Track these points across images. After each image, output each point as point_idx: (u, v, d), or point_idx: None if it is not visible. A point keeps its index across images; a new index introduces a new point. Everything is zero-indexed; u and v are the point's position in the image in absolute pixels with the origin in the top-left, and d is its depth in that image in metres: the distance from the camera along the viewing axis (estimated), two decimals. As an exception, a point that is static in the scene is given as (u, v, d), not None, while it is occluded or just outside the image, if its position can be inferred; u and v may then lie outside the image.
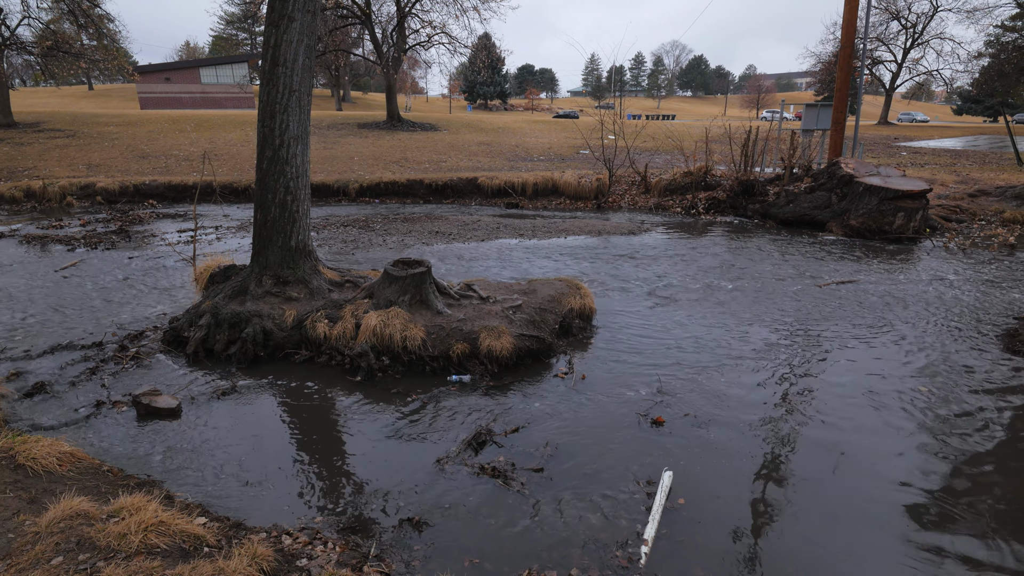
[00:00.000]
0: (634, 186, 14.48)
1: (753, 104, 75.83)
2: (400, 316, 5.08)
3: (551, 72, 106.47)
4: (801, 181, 12.19)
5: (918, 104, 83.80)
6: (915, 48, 45.04)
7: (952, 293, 7.13)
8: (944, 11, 43.83)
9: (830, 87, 48.62)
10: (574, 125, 30.66)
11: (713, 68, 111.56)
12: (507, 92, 66.19)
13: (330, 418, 4.22)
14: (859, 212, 10.55)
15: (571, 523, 3.05)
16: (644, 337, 5.68)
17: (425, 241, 9.88)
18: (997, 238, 10.23)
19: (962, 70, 45.31)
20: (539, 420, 4.13)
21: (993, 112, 49.81)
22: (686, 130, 23.30)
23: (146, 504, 2.77)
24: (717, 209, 12.65)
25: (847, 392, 4.58)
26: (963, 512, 3.19)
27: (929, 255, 9.17)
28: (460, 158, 18.72)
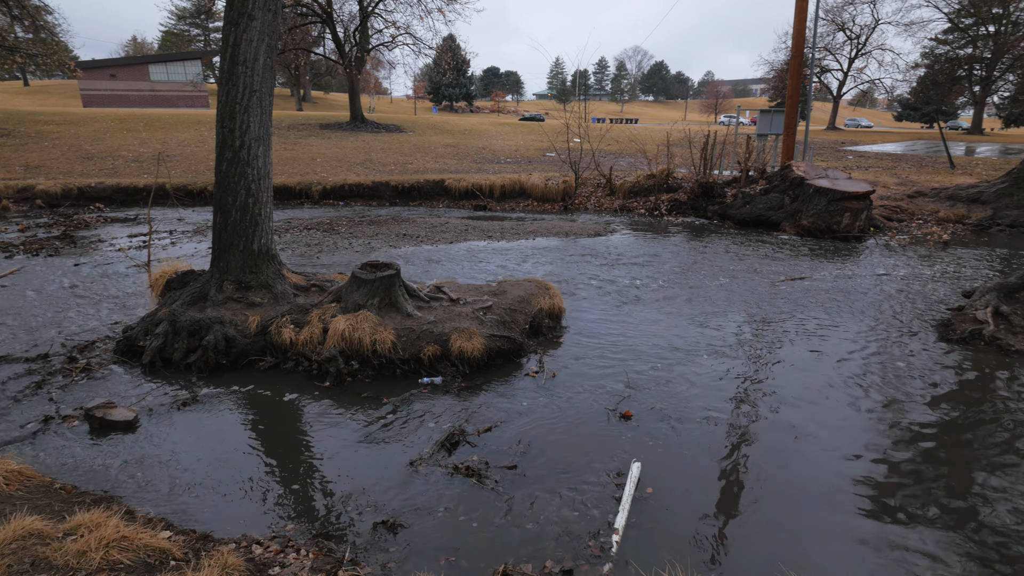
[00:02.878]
0: (599, 188, 14.71)
1: (711, 109, 78.09)
2: (369, 320, 5.02)
3: (516, 75, 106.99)
4: (756, 183, 12.63)
5: (863, 111, 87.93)
6: (859, 58, 47.35)
7: (894, 287, 7.54)
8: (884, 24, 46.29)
9: (783, 93, 50.55)
10: (541, 128, 30.90)
11: (673, 74, 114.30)
12: (473, 94, 66.08)
13: (298, 425, 4.13)
14: (810, 212, 11.01)
15: (545, 517, 3.09)
16: (611, 335, 5.78)
17: (392, 244, 9.77)
18: (933, 236, 10.86)
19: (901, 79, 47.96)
20: (511, 419, 4.15)
21: (929, 119, 52.77)
22: (648, 134, 23.81)
23: (106, 520, 2.66)
24: (679, 210, 12.98)
25: (801, 382, 4.79)
26: (908, 488, 3.38)
27: (873, 252, 9.65)
28: (427, 160, 18.60)
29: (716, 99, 79.59)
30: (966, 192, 13.18)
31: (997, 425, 4.18)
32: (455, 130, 28.26)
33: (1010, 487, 3.45)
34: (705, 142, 13.02)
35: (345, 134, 23.84)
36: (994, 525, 3.12)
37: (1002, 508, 3.26)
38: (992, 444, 3.94)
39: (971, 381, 4.93)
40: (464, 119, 40.90)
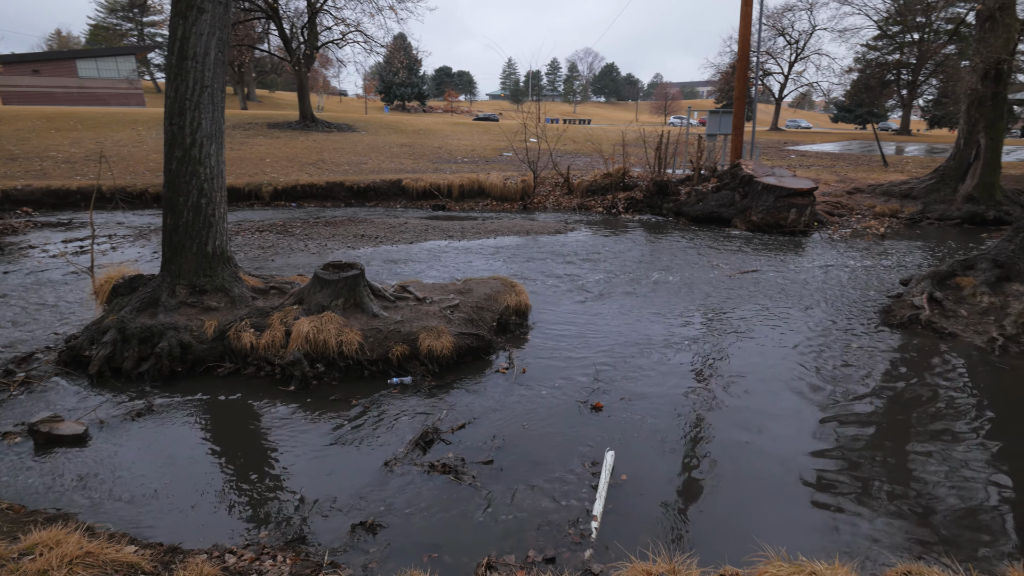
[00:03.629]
0: (558, 187, 14.90)
1: (661, 110, 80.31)
2: (334, 321, 4.94)
3: (469, 75, 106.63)
4: (708, 181, 13.11)
5: (802, 112, 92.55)
6: (798, 62, 49.82)
7: (838, 277, 8.02)
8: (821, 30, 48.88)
9: (729, 95, 52.60)
10: (497, 128, 30.97)
11: (624, 76, 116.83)
12: (425, 93, 65.47)
13: (264, 431, 4.02)
14: (759, 209, 11.53)
15: (524, 509, 3.14)
16: (578, 330, 5.90)
17: (351, 245, 9.60)
18: (871, 229, 11.59)
19: (837, 83, 50.75)
20: (484, 415, 4.18)
21: (862, 120, 56.09)
22: (604, 134, 24.27)
23: (66, 537, 2.53)
24: (635, 208, 13.32)
25: (756, 368, 5.04)
26: (854, 460, 3.63)
27: (818, 246, 10.22)
28: (381, 160, 18.33)
29: (665, 101, 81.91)
30: (899, 188, 14.12)
31: (933, 401, 4.53)
32: (409, 130, 27.96)
33: (943, 456, 3.75)
34: (659, 142, 13.41)
35: (295, 133, 23.18)
36: (929, 491, 3.39)
37: (936, 476, 3.54)
38: (928, 417, 4.26)
39: (910, 362, 5.31)
40: (418, 119, 40.51)
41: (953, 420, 4.25)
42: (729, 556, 2.55)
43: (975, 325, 5.93)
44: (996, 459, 3.78)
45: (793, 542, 2.81)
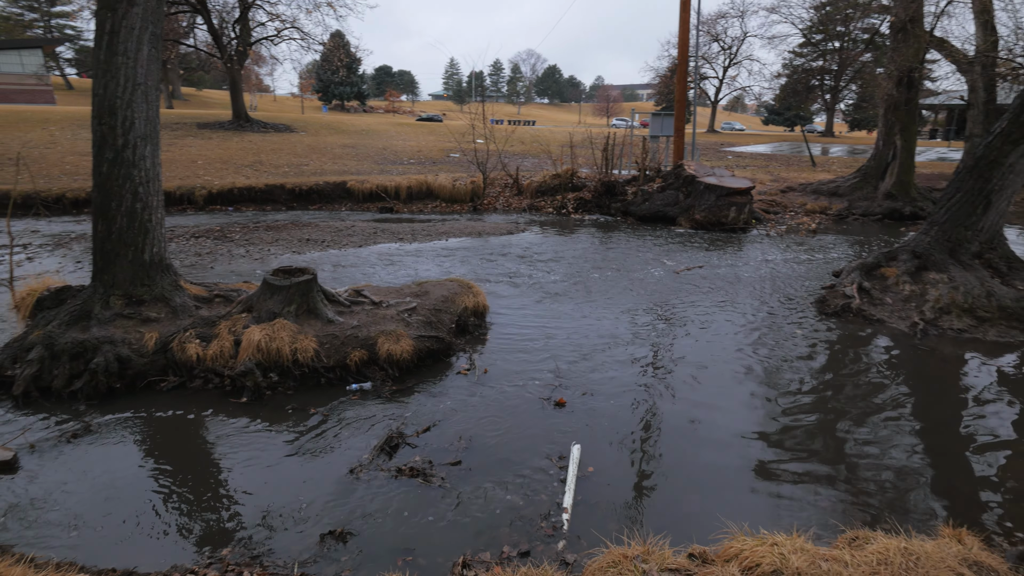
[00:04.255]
0: (507, 188, 15.02)
1: (604, 112, 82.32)
2: (287, 328, 4.81)
3: (410, 74, 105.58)
4: (653, 182, 13.61)
5: (736, 115, 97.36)
6: (732, 67, 52.41)
7: (776, 271, 8.54)
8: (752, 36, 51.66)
9: (668, 98, 54.65)
10: (444, 128, 30.82)
11: (567, 77, 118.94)
12: (365, 93, 64.06)
13: (217, 446, 3.88)
14: (702, 207, 12.08)
15: (495, 506, 3.20)
16: (536, 329, 6.01)
17: (296, 249, 9.33)
18: (804, 225, 12.38)
19: (767, 87, 53.80)
20: (449, 416, 4.20)
21: (791, 123, 59.68)
22: (551, 135, 24.65)
23: (8, 570, 2.36)
24: (585, 208, 13.63)
25: (705, 358, 5.32)
26: (794, 440, 3.91)
27: (757, 241, 10.83)
28: (324, 161, 17.87)
29: (607, 103, 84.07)
30: (827, 187, 15.15)
31: (864, 382, 4.94)
32: (351, 130, 27.39)
33: (874, 432, 4.11)
34: (606, 143, 13.79)
35: (228, 134, 22.22)
36: (864, 463, 3.70)
37: (869, 449, 3.87)
38: (859, 397, 4.64)
39: (843, 347, 5.75)
40: (359, 119, 39.72)
41: (881, 398, 4.65)
42: (697, 535, 2.70)
43: (899, 311, 6.48)
44: (918, 431, 4.17)
45: (751, 518, 3.00)
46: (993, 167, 6.54)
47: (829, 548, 2.41)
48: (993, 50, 13.18)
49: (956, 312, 6.27)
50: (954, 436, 4.16)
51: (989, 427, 4.26)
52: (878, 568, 2.19)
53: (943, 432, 4.21)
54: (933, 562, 2.20)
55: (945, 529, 2.63)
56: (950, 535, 2.55)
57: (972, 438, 4.12)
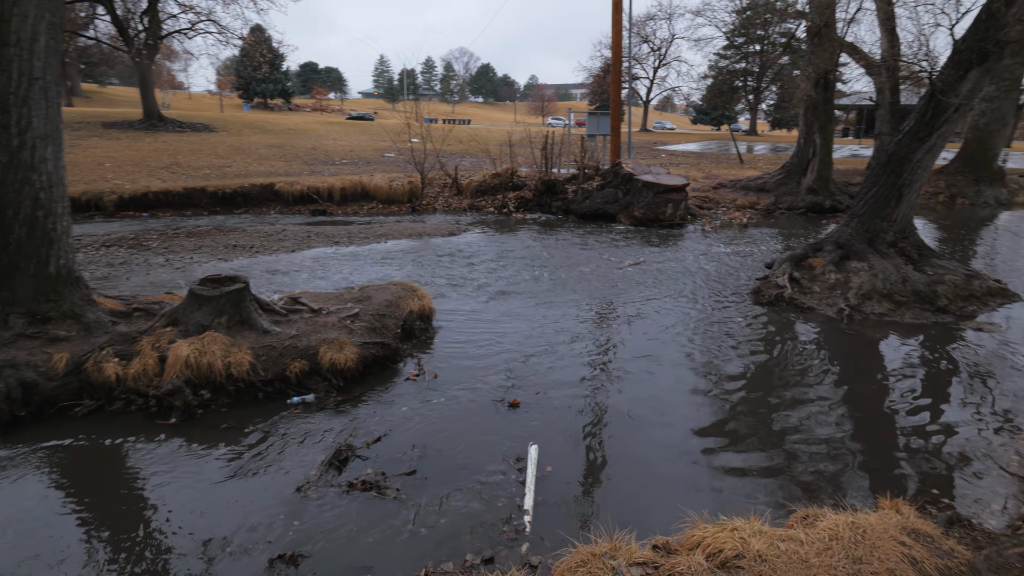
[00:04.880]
0: (446, 188, 14.90)
1: (539, 111, 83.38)
2: (219, 341, 4.54)
3: (338, 71, 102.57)
4: (593, 180, 13.91)
5: (666, 115, 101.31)
6: (661, 68, 54.56)
7: (713, 264, 8.96)
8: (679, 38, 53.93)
9: (601, 97, 56.13)
10: (377, 127, 30.16)
11: (500, 76, 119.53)
12: (290, 91, 61.59)
13: (145, 473, 3.59)
14: (640, 205, 12.48)
15: (455, 514, 3.15)
16: (484, 330, 5.98)
17: (222, 257, 8.84)
18: (736, 220, 13.05)
19: (695, 87, 56.45)
20: (400, 425, 4.10)
21: (717, 122, 62.81)
22: (489, 134, 24.67)
23: None
24: (526, 207, 13.74)
25: (650, 350, 5.49)
26: (733, 426, 4.11)
27: (693, 236, 11.31)
28: (248, 162, 17.05)
29: (542, 102, 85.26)
30: (755, 183, 16.04)
31: (797, 366, 5.26)
32: (277, 129, 26.30)
33: (809, 413, 4.39)
34: (545, 142, 13.96)
35: (140, 134, 20.77)
36: (803, 444, 3.95)
37: (805, 430, 4.13)
38: (794, 381, 4.95)
39: (777, 335, 6.10)
40: (284, 117, 38.24)
41: (815, 381, 4.97)
42: (659, 526, 2.76)
43: (827, 298, 6.95)
44: (850, 410, 4.50)
45: (707, 504, 3.12)
46: (903, 163, 7.14)
47: (784, 528, 2.54)
48: (897, 55, 14.42)
49: (877, 297, 6.80)
50: (881, 412, 4.50)
51: (909, 402, 4.65)
52: (831, 544, 2.33)
53: (871, 409, 4.56)
54: (878, 533, 2.37)
55: (884, 501, 2.84)
56: (889, 506, 2.75)
57: (896, 413, 4.47)
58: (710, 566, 2.22)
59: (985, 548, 2.51)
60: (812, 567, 2.19)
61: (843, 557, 2.26)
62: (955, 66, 6.69)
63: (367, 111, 61.54)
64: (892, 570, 2.21)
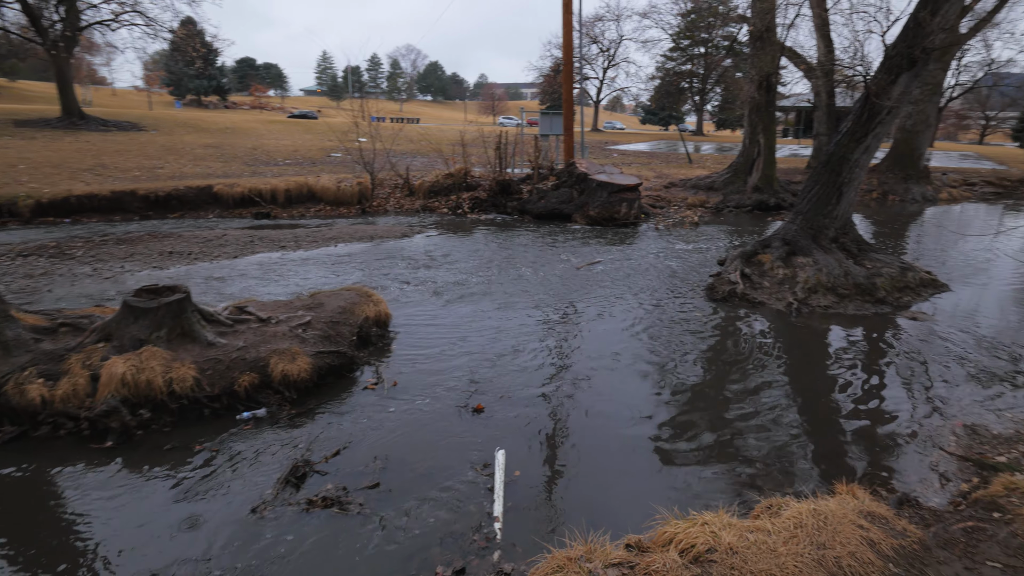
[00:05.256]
0: (398, 189, 14.68)
1: (489, 110, 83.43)
2: (158, 356, 4.29)
3: (278, 68, 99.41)
4: (547, 180, 14.04)
5: (616, 115, 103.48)
6: (611, 68, 55.70)
7: (667, 262, 9.20)
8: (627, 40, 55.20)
9: (552, 97, 56.78)
10: (323, 126, 29.39)
11: (449, 75, 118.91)
12: (226, 87, 59.06)
13: (78, 504, 3.35)
14: (595, 204, 12.68)
15: (423, 525, 3.09)
16: (444, 334, 5.92)
17: (157, 264, 8.38)
18: (687, 218, 13.46)
19: (643, 88, 57.91)
20: (360, 436, 4.00)
21: (665, 122, 64.63)
22: (440, 134, 24.47)
23: None
24: (481, 208, 13.70)
25: (608, 349, 5.59)
26: (690, 418, 4.25)
27: (647, 235, 11.58)
28: (183, 164, 16.26)
29: (493, 101, 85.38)
30: (704, 182, 16.60)
31: (750, 359, 5.48)
32: (213, 128, 25.22)
33: (763, 403, 4.58)
34: (498, 142, 13.97)
35: (59, 133, 19.45)
36: (758, 435, 4.11)
37: (760, 421, 4.30)
38: (749, 374, 5.15)
39: (731, 329, 6.34)
40: (221, 116, 36.74)
41: (768, 373, 5.20)
42: (631, 524, 2.80)
43: (776, 293, 7.27)
44: (802, 399, 4.73)
45: (674, 499, 3.17)
46: (842, 163, 7.55)
47: (751, 520, 2.63)
48: (832, 60, 15.25)
49: (822, 291, 7.16)
50: (830, 400, 4.74)
51: (854, 390, 4.92)
52: (796, 532, 2.43)
53: (821, 398, 4.80)
54: (838, 518, 2.49)
55: (840, 486, 2.99)
56: (845, 491, 2.91)
57: (843, 401, 4.73)
58: (684, 561, 2.27)
59: (932, 525, 2.68)
60: (780, 556, 2.28)
61: (808, 544, 2.36)
62: (887, 71, 7.13)
63: (310, 109, 59.89)
64: (853, 553, 2.32)
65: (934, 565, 2.35)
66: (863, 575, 2.25)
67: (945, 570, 2.32)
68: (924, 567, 2.33)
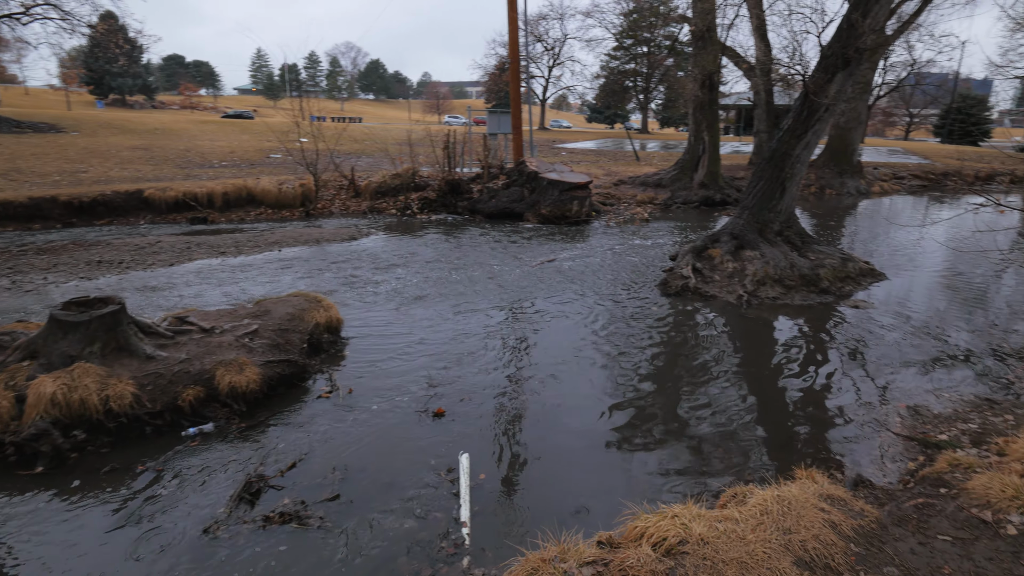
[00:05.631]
0: (343, 190, 14.36)
1: (434, 109, 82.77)
2: (92, 373, 4.03)
3: (209, 65, 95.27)
4: (498, 179, 14.06)
5: (563, 113, 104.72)
6: (556, 67, 56.32)
7: (620, 259, 9.40)
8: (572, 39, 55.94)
9: (498, 96, 56.89)
10: (261, 126, 28.35)
11: (392, 73, 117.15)
12: (153, 86, 56.12)
13: (9, 534, 3.10)
14: (547, 202, 12.80)
15: (388, 536, 3.04)
16: (398, 338, 5.83)
17: (85, 275, 7.88)
18: (638, 215, 13.78)
19: (588, 87, 58.82)
20: (316, 447, 3.89)
21: (611, 120, 65.96)
22: (386, 133, 24.05)
23: None
24: (430, 208, 13.58)
25: (569, 346, 5.67)
26: (645, 410, 4.38)
27: (599, 232, 11.79)
28: (109, 167, 15.34)
29: (437, 99, 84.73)
30: (652, 179, 17.04)
31: (704, 351, 5.68)
32: (141, 129, 23.93)
33: (723, 395, 4.76)
34: (447, 141, 13.88)
35: (-39, 135, 17.95)
36: (717, 424, 4.27)
37: (714, 411, 4.47)
38: (705, 366, 5.33)
39: (684, 322, 6.54)
40: (149, 116, 34.94)
41: (723, 364, 5.39)
42: (600, 521, 2.85)
43: (727, 286, 7.55)
44: (754, 389, 4.92)
45: (641, 493, 3.26)
46: (785, 159, 7.92)
47: (719, 509, 2.72)
48: (770, 59, 15.96)
49: (770, 283, 7.49)
50: (783, 388, 4.97)
51: (805, 377, 5.18)
52: (762, 519, 2.53)
53: (774, 386, 5.03)
54: (800, 503, 2.62)
55: (800, 471, 3.14)
56: (805, 475, 3.05)
57: (796, 388, 4.97)
58: (657, 555, 2.32)
59: (886, 504, 2.85)
60: (750, 543, 2.36)
61: (775, 529, 2.46)
62: (824, 70, 7.53)
63: (246, 109, 57.76)
64: (817, 536, 2.44)
65: (891, 542, 2.49)
66: (828, 556, 2.37)
67: (901, 546, 2.46)
68: (882, 544, 2.47)
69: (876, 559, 2.40)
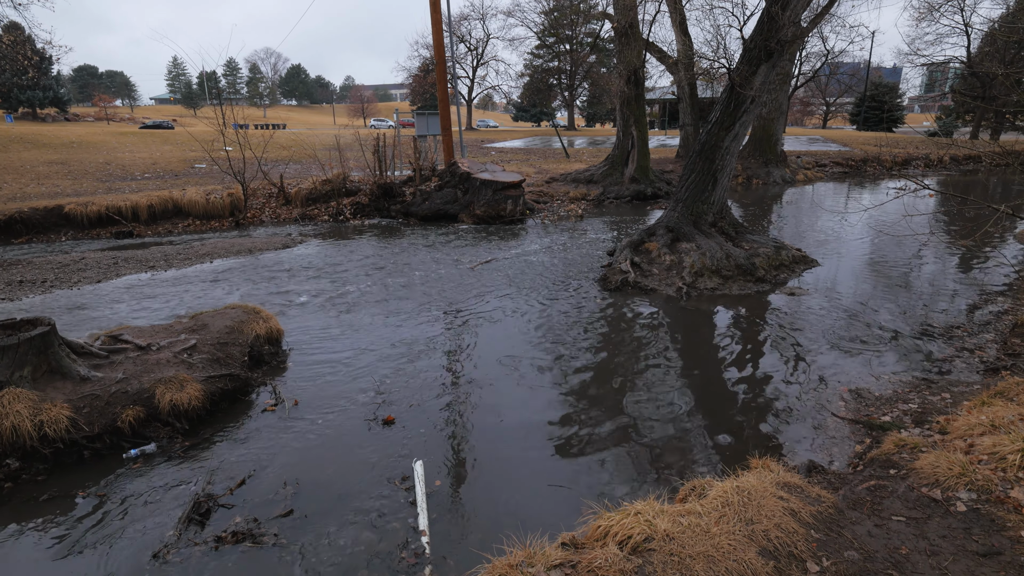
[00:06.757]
0: (273, 198, 13.88)
1: (359, 113, 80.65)
2: (23, 398, 3.81)
3: (123, 75, 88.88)
4: (430, 181, 14.01)
5: (489, 113, 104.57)
6: (480, 67, 56.26)
7: (558, 256, 9.61)
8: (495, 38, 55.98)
9: (423, 98, 56.26)
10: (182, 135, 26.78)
11: (314, 78, 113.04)
12: (65, 98, 51.56)
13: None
14: (481, 203, 12.89)
15: (346, 550, 3.01)
16: (341, 347, 5.76)
17: (6, 296, 7.29)
18: (571, 212, 14.11)
19: (513, 86, 59.10)
20: (265, 462, 3.82)
21: (537, 118, 66.52)
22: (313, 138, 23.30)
23: None
24: (363, 213, 13.36)
25: (512, 346, 5.74)
26: (586, 407, 4.55)
27: (535, 230, 11.99)
28: (24, 183, 14.15)
29: (362, 103, 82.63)
30: (583, 175, 17.45)
31: (649, 346, 5.88)
32: (56, 143, 22.13)
33: (668, 388, 4.95)
34: (376, 145, 13.69)
35: None
36: (665, 418, 4.49)
37: (666, 404, 4.70)
38: (649, 360, 5.52)
39: (625, 317, 6.73)
40: (63, 129, 32.32)
41: (666, 357, 5.53)
42: (563, 521, 2.90)
43: (666, 279, 7.80)
44: (699, 381, 5.03)
45: (599, 490, 3.36)
46: (715, 151, 8.18)
47: (680, 504, 2.77)
48: (691, 54, 16.63)
49: (707, 274, 7.74)
50: (727, 378, 5.07)
51: (748, 365, 5.31)
52: (724, 510, 2.55)
53: (718, 376, 5.11)
54: (760, 493, 2.69)
55: (755, 461, 3.23)
56: (760, 465, 3.13)
57: (740, 376, 5.08)
58: (624, 554, 2.31)
59: (840, 488, 2.96)
60: (714, 536, 2.39)
61: (737, 521, 2.50)
62: (747, 62, 7.74)
63: (165, 119, 54.30)
64: (779, 524, 2.49)
65: (848, 526, 2.54)
66: (791, 544, 2.40)
67: (859, 529, 2.53)
68: (840, 529, 2.52)
69: (836, 544, 2.44)
